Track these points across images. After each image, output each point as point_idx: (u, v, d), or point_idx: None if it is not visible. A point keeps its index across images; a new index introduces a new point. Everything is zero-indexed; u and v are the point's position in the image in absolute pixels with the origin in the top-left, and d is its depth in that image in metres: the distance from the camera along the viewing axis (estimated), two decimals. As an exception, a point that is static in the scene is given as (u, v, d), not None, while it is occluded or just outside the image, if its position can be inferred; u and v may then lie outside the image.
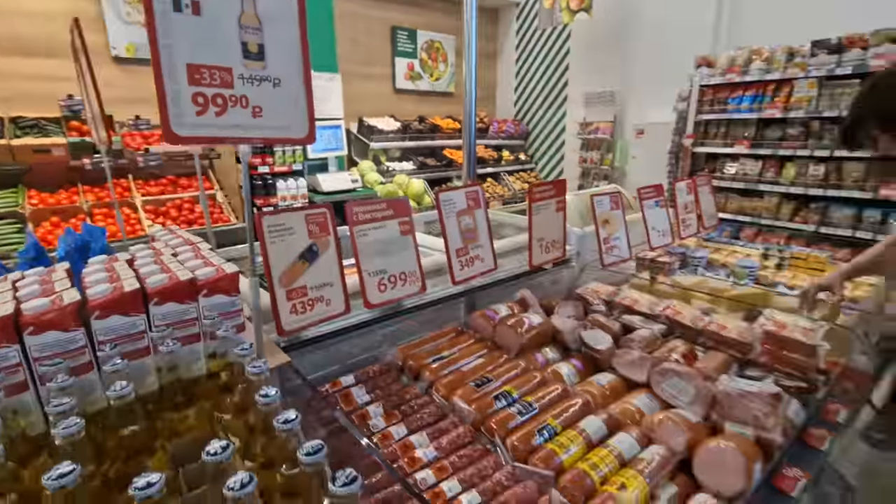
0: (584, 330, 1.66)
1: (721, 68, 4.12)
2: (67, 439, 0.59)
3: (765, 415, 1.19)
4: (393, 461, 1.14)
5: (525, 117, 7.08)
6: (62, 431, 0.59)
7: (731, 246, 2.76)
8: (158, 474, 0.51)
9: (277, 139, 0.93)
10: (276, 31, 0.85)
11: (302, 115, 0.94)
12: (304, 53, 0.91)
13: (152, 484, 0.50)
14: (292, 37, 0.88)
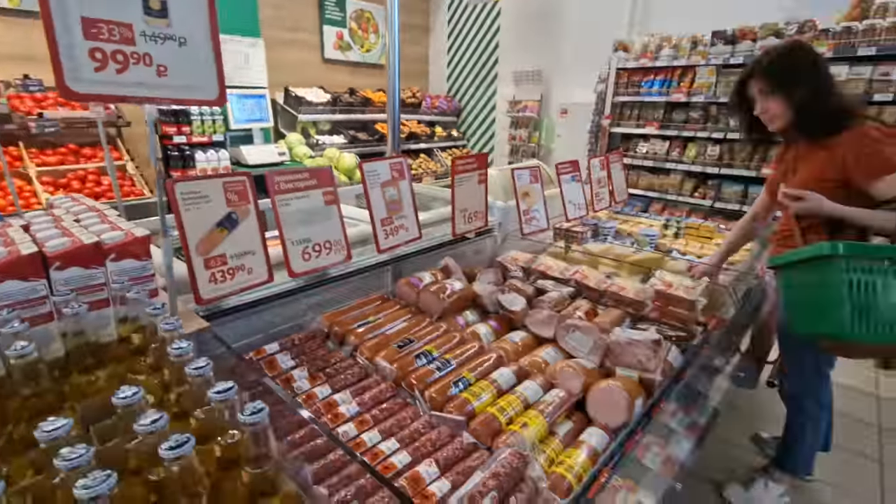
0: (501, 294, 1.79)
1: (636, 53, 4.40)
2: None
3: (647, 358, 1.38)
4: (317, 418, 1.19)
5: (458, 94, 7.13)
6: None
7: (637, 218, 3.03)
8: (65, 419, 0.53)
9: (185, 100, 0.92)
10: (179, -12, 0.83)
11: (211, 76, 0.93)
12: (211, 12, 0.90)
13: (59, 426, 0.52)
14: (199, -6, 0.87)
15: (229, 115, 4.55)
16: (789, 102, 1.62)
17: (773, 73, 1.64)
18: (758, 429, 2.40)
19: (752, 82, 1.70)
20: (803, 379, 1.78)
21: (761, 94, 1.68)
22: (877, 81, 3.15)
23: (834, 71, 3.25)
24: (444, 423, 1.19)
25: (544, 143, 5.91)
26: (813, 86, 1.57)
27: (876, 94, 3.13)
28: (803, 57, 1.60)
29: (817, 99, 1.57)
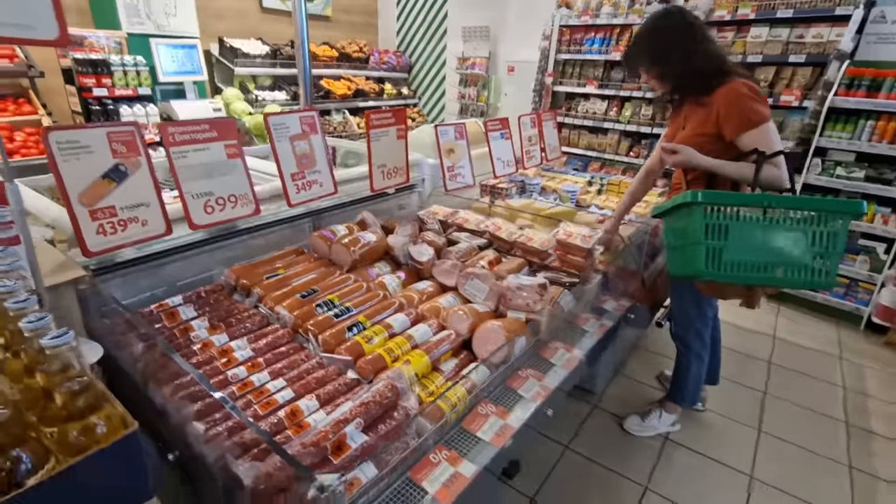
0: (412, 245, 1.85)
1: (578, 10, 4.39)
2: None
3: (534, 301, 1.48)
4: (209, 363, 1.24)
5: (408, 49, 6.93)
6: None
7: (564, 175, 3.13)
8: None
9: (17, 39, 0.89)
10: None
11: (47, 11, 0.89)
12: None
13: None
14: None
15: (157, 67, 4.29)
16: (665, 72, 1.72)
17: (642, 54, 1.75)
18: (662, 368, 2.63)
19: (637, 61, 1.79)
20: (687, 319, 1.95)
21: (642, 69, 1.78)
22: (792, 43, 3.30)
23: (754, 32, 3.39)
24: (333, 363, 1.26)
25: (492, 101, 5.88)
26: (682, 53, 1.66)
27: (791, 56, 3.29)
28: (671, 26, 1.68)
29: (689, 64, 1.66)
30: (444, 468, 1.07)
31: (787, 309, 3.43)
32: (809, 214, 1.38)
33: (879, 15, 3.15)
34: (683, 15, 1.71)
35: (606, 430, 2.25)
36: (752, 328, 3.16)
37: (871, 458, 2.14)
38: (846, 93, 2.99)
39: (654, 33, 1.73)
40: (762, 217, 1.41)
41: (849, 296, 3.19)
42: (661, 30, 1.71)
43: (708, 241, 1.40)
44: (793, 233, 1.40)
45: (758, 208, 1.38)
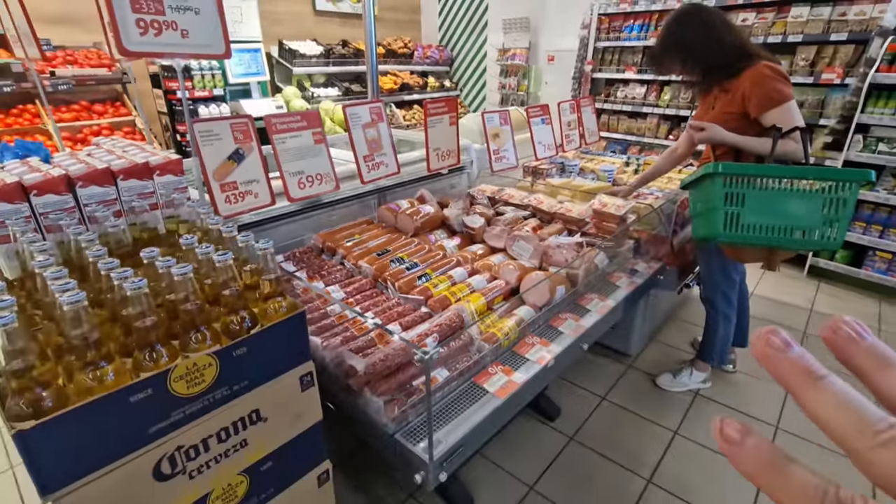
0: (465, 216, 2.14)
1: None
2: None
3: (572, 258, 1.75)
4: (311, 302, 1.58)
5: (449, 43, 7.20)
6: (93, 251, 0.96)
7: (602, 157, 3.33)
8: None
9: (203, 55, 1.24)
10: (192, -30, 1.13)
11: (219, 36, 1.25)
12: (216, -13, 1.20)
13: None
14: (206, -26, 1.17)
15: (227, 70, 4.78)
16: (692, 65, 1.92)
17: (668, 52, 1.96)
18: (696, 335, 2.81)
19: (667, 56, 1.99)
20: (714, 282, 2.14)
21: (670, 66, 1.98)
22: (834, 21, 3.33)
23: (795, 12, 3.45)
24: (408, 302, 1.58)
25: (532, 91, 6.07)
26: (705, 47, 1.85)
27: (832, 34, 3.32)
28: (690, 25, 1.87)
29: (712, 55, 1.85)
30: (499, 377, 1.36)
31: (826, 285, 3.49)
32: (821, 183, 1.57)
33: (926, -11, 3.14)
34: (701, 11, 1.90)
35: (640, 386, 2.48)
36: (790, 302, 3.27)
37: None
38: (889, 69, 3.03)
39: (677, 32, 1.93)
40: (777, 185, 1.60)
41: (891, 271, 3.23)
42: (682, 28, 1.91)
43: (727, 207, 1.61)
44: (805, 200, 1.59)
45: (772, 178, 1.58)
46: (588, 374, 2.54)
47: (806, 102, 3.54)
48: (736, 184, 1.61)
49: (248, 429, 1.00)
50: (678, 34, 1.94)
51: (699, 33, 1.89)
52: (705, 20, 1.89)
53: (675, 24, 1.96)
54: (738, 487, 1.90)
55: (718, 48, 1.86)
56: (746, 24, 3.72)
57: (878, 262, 3.28)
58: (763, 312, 3.12)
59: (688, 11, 1.95)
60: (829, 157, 3.40)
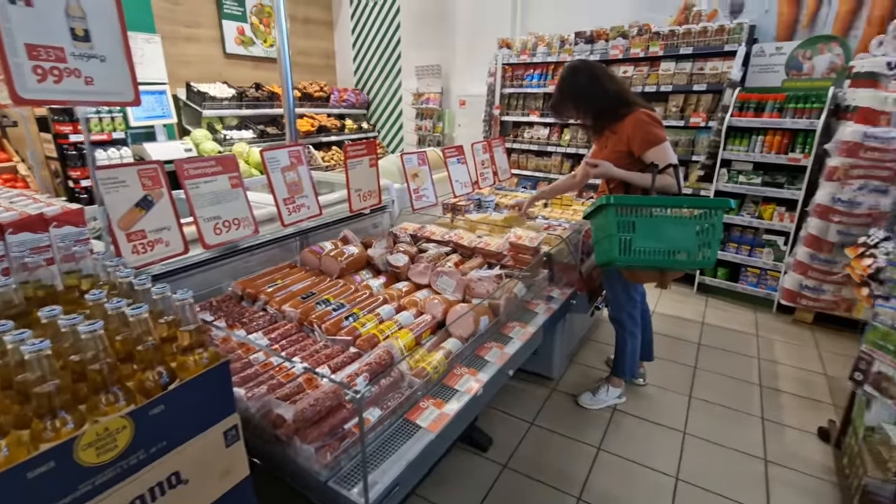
0: (389, 255, 2.19)
1: (517, 50, 4.97)
2: None
3: (493, 289, 1.85)
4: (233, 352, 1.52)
5: (365, 87, 7.39)
6: None
7: (515, 192, 3.57)
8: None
9: (109, 102, 1.20)
10: (99, 20, 1.11)
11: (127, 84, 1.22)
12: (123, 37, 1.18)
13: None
14: (114, 24, 1.15)
15: (129, 112, 4.51)
16: (584, 112, 2.21)
17: (564, 102, 2.24)
18: (609, 354, 3.03)
19: (563, 106, 2.27)
20: (619, 303, 2.37)
21: (567, 114, 2.26)
22: (695, 74, 3.94)
23: (664, 66, 4.00)
24: (336, 343, 1.57)
25: (447, 132, 6.38)
26: (593, 95, 2.14)
27: (695, 85, 3.92)
28: (579, 78, 2.16)
29: (599, 103, 2.14)
30: (431, 410, 1.39)
31: (713, 299, 3.96)
32: (694, 211, 1.83)
33: (759, 50, 3.84)
34: (588, 66, 2.19)
35: (564, 407, 2.61)
36: (685, 317, 3.65)
37: (779, 410, 2.59)
38: (739, 114, 3.62)
39: (570, 85, 2.20)
40: (661, 213, 1.85)
41: (760, 283, 3.75)
42: (573, 81, 2.18)
43: (620, 234, 1.82)
44: (683, 225, 1.84)
45: (655, 207, 1.82)
46: (516, 402, 2.63)
47: (680, 142, 4.09)
48: (627, 213, 1.83)
49: (166, 494, 0.93)
50: (571, 86, 2.21)
51: (587, 85, 2.16)
52: (591, 74, 2.17)
53: (567, 78, 2.23)
54: (658, 494, 2.05)
55: (604, 97, 2.14)
56: (627, 75, 4.26)
57: (750, 276, 3.80)
58: (664, 328, 3.46)
59: (577, 67, 2.22)
60: (703, 188, 3.93)
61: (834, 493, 2.04)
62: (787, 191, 3.51)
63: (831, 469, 2.17)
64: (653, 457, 2.25)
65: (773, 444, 2.35)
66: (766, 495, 2.04)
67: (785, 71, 3.75)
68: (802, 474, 2.15)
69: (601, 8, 4.64)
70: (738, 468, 2.19)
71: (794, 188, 3.48)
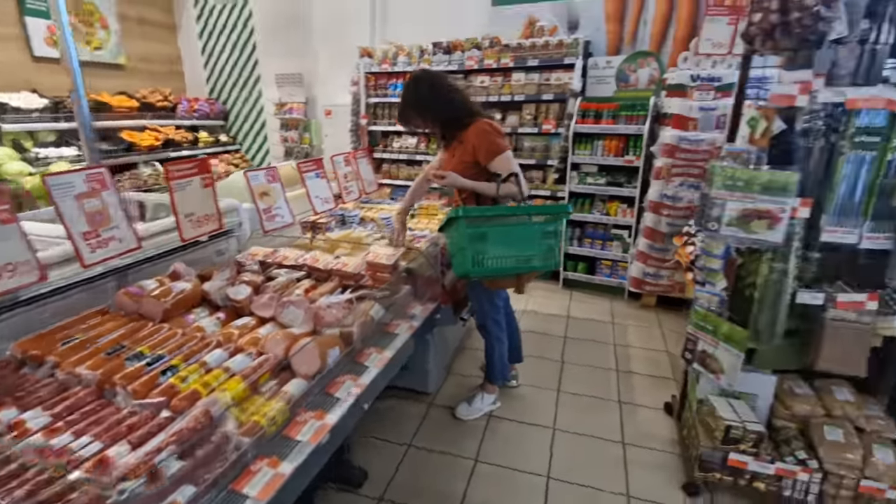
0: (229, 287, 1.93)
1: (378, 59, 4.90)
2: None
3: (344, 316, 1.71)
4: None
5: (221, 95, 6.76)
6: None
7: (381, 205, 3.47)
8: None
9: None
10: None
11: None
12: None
13: None
14: None
15: None
16: (430, 121, 2.19)
17: (409, 112, 2.22)
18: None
19: (409, 114, 2.23)
20: (484, 311, 2.39)
21: (413, 123, 2.22)
22: (543, 84, 4.21)
23: (515, 77, 4.20)
24: (146, 408, 1.30)
25: (315, 143, 6.09)
26: (437, 105, 2.14)
27: (544, 94, 4.19)
28: (422, 88, 2.15)
29: (443, 112, 2.15)
30: (264, 473, 1.21)
31: (576, 293, 4.26)
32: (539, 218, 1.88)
33: (594, 63, 4.23)
34: (430, 76, 2.17)
35: (442, 422, 2.56)
36: (552, 312, 3.86)
37: (632, 391, 2.82)
38: (582, 121, 3.94)
39: (413, 94, 2.16)
40: (509, 222, 1.87)
41: (613, 274, 4.13)
42: (417, 90, 2.15)
43: (471, 246, 1.80)
44: (530, 232, 1.89)
45: (503, 217, 1.84)
46: (392, 424, 2.52)
47: (537, 148, 4.35)
48: (477, 224, 1.82)
49: None
50: (414, 96, 2.17)
51: (430, 95, 2.13)
52: (434, 83, 2.15)
53: (410, 87, 2.19)
54: (531, 496, 2.08)
55: (448, 106, 2.14)
56: (484, 85, 4.42)
57: (604, 268, 4.16)
58: (534, 325, 3.62)
59: (419, 77, 2.19)
60: (559, 190, 4.21)
61: (679, 465, 2.25)
62: (626, 189, 3.90)
63: (676, 441, 2.40)
64: (526, 459, 2.29)
65: (629, 425, 2.54)
66: (625, 477, 2.19)
67: (616, 82, 4.18)
68: (654, 451, 2.35)
69: (456, 20, 4.76)
70: (600, 455, 2.32)
71: (632, 186, 3.88)
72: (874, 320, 1.78)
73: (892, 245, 1.69)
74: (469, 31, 4.53)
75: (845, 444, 1.79)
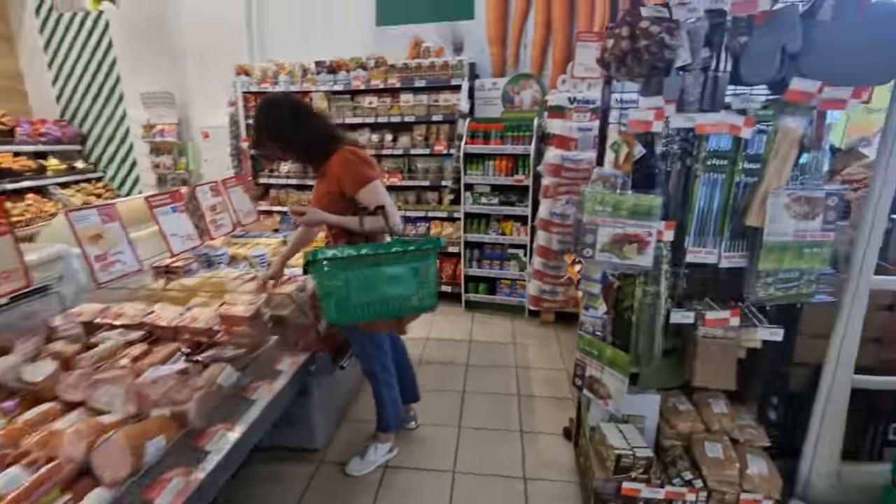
0: (28, 364, 1.52)
1: (257, 78, 4.54)
2: None
3: (176, 391, 1.40)
4: None
5: (76, 117, 5.88)
6: None
7: (257, 239, 3.13)
8: None
9: None
10: None
11: None
12: None
13: None
14: None
15: None
16: (288, 148, 1.96)
17: (262, 135, 1.97)
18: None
19: (262, 139, 1.98)
20: (366, 354, 2.18)
21: (272, 148, 1.98)
22: (432, 105, 4.14)
23: (404, 97, 4.08)
24: None
25: (193, 168, 5.50)
26: (296, 131, 1.92)
27: (434, 116, 4.12)
28: (283, 111, 1.92)
29: (304, 139, 1.93)
30: None
31: (478, 314, 4.19)
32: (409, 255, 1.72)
33: (480, 85, 4.26)
34: (288, 100, 1.95)
35: (333, 480, 2.28)
36: (454, 338, 3.74)
37: (533, 417, 2.75)
38: (472, 141, 3.91)
39: (268, 119, 1.92)
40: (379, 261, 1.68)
41: (513, 293, 4.12)
42: (271, 115, 1.91)
43: (334, 292, 1.58)
44: (401, 271, 1.71)
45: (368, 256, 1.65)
46: (275, 492, 2.19)
47: (431, 168, 4.25)
48: (339, 266, 1.61)
49: None
50: (269, 120, 1.92)
51: (289, 120, 1.90)
52: (292, 107, 1.93)
53: (264, 111, 1.94)
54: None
55: (309, 132, 1.92)
56: (372, 106, 4.26)
57: (504, 288, 4.14)
58: (436, 354, 3.46)
59: (276, 100, 1.96)
60: (455, 210, 4.14)
61: (578, 494, 2.19)
62: (519, 208, 3.93)
63: (574, 470, 2.34)
64: (423, 513, 2.09)
65: (530, 455, 2.44)
66: (526, 518, 2.07)
67: (502, 103, 4.23)
68: (555, 482, 2.27)
69: (338, 38, 4.56)
70: (501, 496, 2.19)
71: (524, 205, 3.91)
72: (738, 334, 1.84)
73: (747, 262, 1.75)
74: (353, 50, 4.35)
75: (724, 460, 1.82)
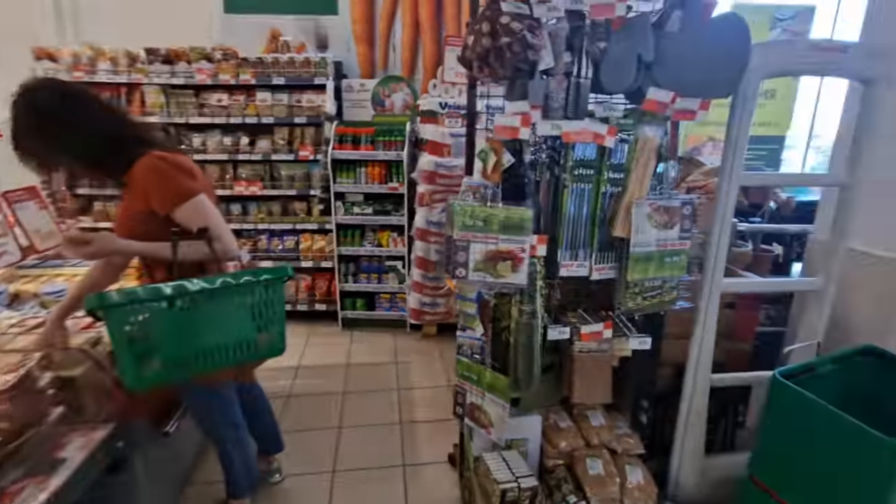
0: None
1: (67, 65, 3.67)
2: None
3: None
4: None
5: None
6: None
7: (59, 269, 2.45)
8: None
9: None
10: None
11: None
12: None
13: None
14: None
15: None
16: (61, 150, 1.45)
17: (25, 136, 1.41)
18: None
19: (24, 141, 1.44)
20: (209, 412, 1.76)
21: (36, 152, 1.44)
22: (294, 106, 3.72)
23: (260, 96, 3.60)
24: None
25: (-18, 178, 4.32)
26: (73, 129, 1.43)
27: (296, 118, 3.70)
28: (40, 100, 1.41)
29: (87, 140, 1.45)
30: None
31: (357, 332, 3.87)
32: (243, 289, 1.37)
33: (348, 86, 3.95)
34: (61, 87, 1.46)
35: (167, 573, 1.81)
36: (330, 363, 3.38)
37: (416, 446, 2.54)
38: (340, 146, 3.59)
39: (35, 116, 1.40)
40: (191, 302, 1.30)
41: (393, 307, 3.88)
42: (32, 106, 1.40)
43: (128, 349, 1.18)
44: (234, 310, 1.36)
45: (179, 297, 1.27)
46: None
47: (296, 176, 3.83)
48: (140, 313, 1.21)
49: None
50: (37, 116, 1.41)
51: (58, 110, 1.40)
52: (64, 94, 1.43)
53: (28, 102, 1.41)
54: None
55: (93, 129, 1.44)
56: (223, 104, 3.70)
57: (384, 302, 3.89)
58: (308, 387, 3.08)
59: (41, 86, 1.45)
60: (326, 222, 3.77)
61: (465, 530, 2.02)
62: (395, 217, 3.70)
63: (460, 501, 2.17)
64: None
65: (413, 491, 2.22)
66: (410, 571, 1.83)
67: (372, 106, 3.97)
68: (440, 520, 2.07)
69: (175, 23, 3.90)
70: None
71: (399, 215, 3.69)
72: (611, 346, 1.81)
73: (616, 273, 1.72)
74: (195, 38, 3.73)
75: (605, 477, 1.78)
